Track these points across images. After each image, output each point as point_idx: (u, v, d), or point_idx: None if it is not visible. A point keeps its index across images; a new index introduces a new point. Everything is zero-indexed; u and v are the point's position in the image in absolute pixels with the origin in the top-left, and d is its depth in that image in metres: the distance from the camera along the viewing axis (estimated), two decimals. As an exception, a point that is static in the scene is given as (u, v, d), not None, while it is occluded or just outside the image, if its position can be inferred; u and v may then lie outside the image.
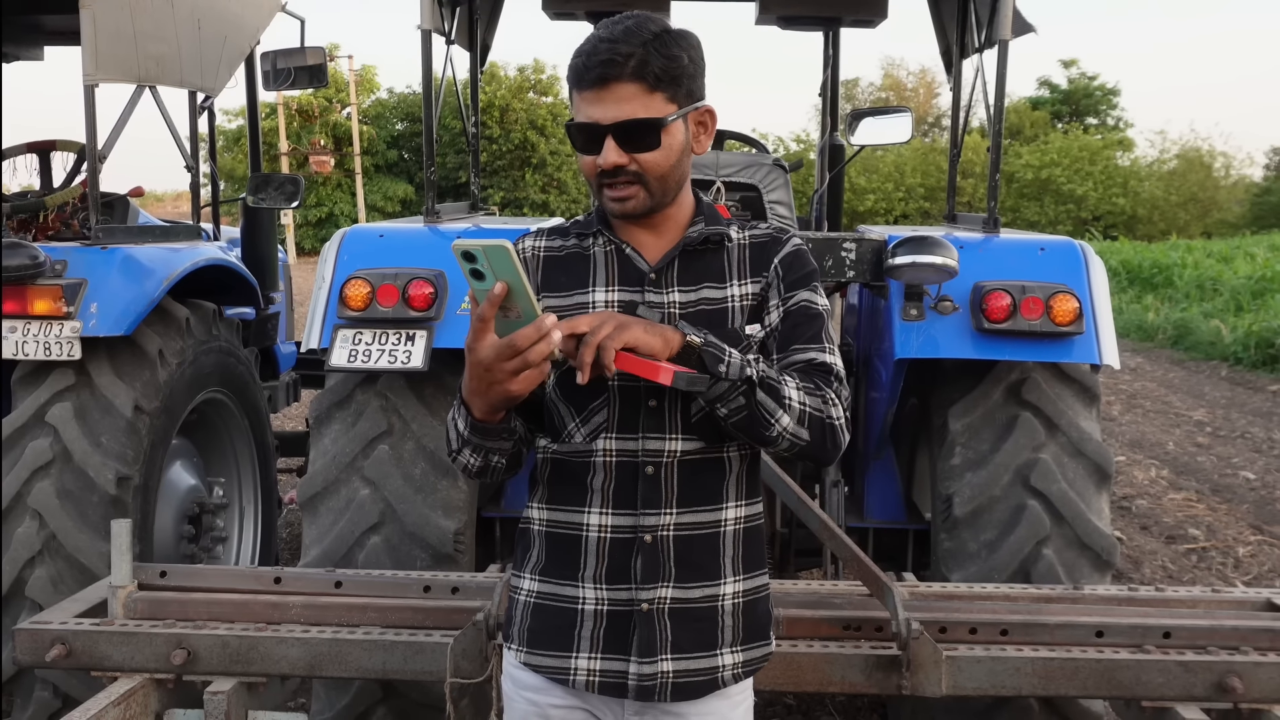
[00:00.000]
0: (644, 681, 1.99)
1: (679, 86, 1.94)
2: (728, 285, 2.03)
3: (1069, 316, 3.41)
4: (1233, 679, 2.62)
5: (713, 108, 2.01)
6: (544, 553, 2.06)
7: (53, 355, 3.67)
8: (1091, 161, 39.35)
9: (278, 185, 5.35)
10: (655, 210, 2.00)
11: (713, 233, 2.04)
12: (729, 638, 2.03)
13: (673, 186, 2.00)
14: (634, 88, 1.90)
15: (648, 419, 2.00)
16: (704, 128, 2.02)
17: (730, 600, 2.03)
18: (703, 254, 2.04)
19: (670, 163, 1.96)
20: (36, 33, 5.35)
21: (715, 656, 2.02)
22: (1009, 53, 3.92)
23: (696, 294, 2.02)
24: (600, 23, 1.99)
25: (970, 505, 3.49)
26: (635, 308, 1.99)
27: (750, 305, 2.03)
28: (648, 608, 2.00)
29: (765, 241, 2.07)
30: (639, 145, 1.93)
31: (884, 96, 46.43)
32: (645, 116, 1.91)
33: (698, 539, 2.01)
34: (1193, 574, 6.30)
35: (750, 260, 2.05)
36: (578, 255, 2.07)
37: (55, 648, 2.71)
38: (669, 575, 2.00)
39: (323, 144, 34.73)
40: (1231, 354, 14.26)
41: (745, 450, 2.05)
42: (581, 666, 2.01)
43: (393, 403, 3.56)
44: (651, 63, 1.90)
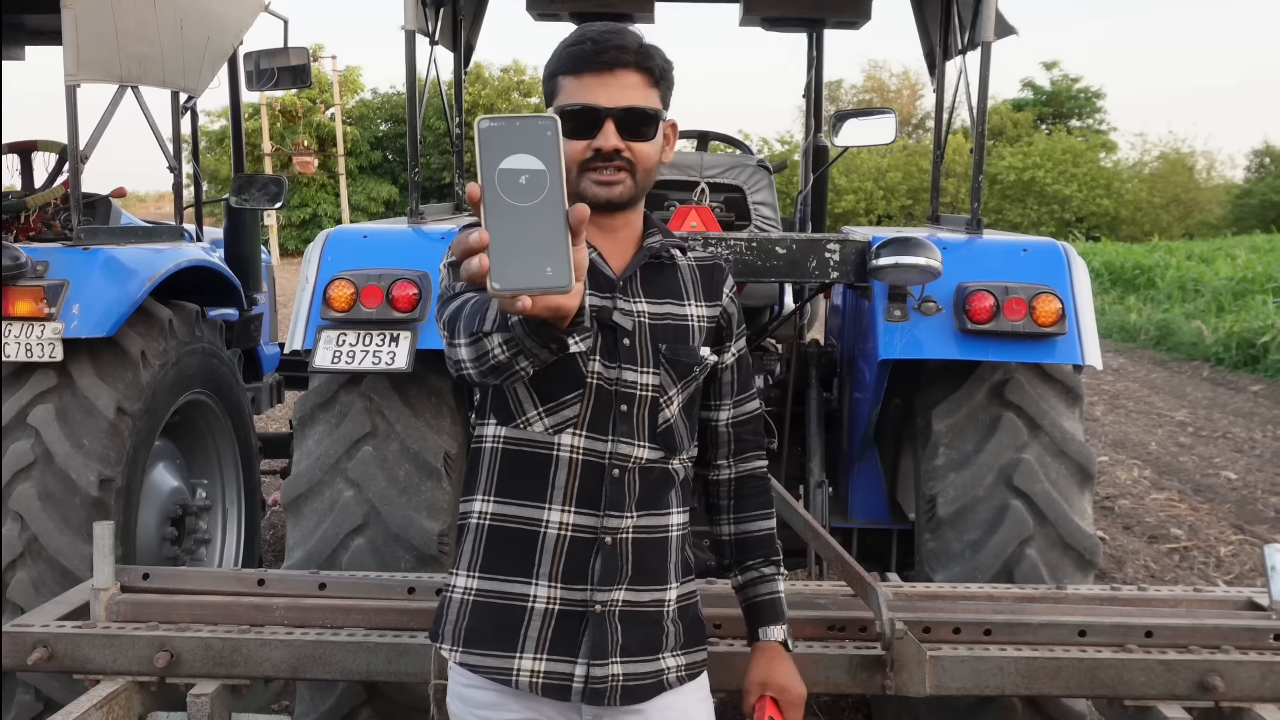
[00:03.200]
0: (594, 684, 1.98)
1: (669, 91, 2.04)
2: (686, 303, 2.10)
3: (1051, 317, 3.42)
4: (1214, 678, 2.63)
5: (676, 123, 2.11)
6: (488, 548, 2.02)
7: (34, 356, 3.65)
8: (1075, 163, 39.53)
9: (261, 186, 5.33)
10: (631, 204, 2.03)
11: (671, 243, 2.11)
12: (671, 642, 2.08)
13: (650, 184, 2.05)
14: (638, 78, 1.97)
15: (620, 423, 2.01)
16: (668, 140, 2.08)
17: (673, 605, 2.09)
18: (660, 268, 2.09)
19: (655, 159, 2.02)
20: (18, 32, 5.32)
21: (659, 660, 2.05)
22: (991, 54, 3.93)
23: (661, 307, 2.07)
24: (588, 25, 2.01)
25: (954, 505, 3.50)
26: (610, 313, 2.00)
27: (708, 328, 2.11)
28: (600, 609, 1.99)
29: (710, 267, 2.16)
30: (636, 134, 1.97)
31: (867, 98, 46.56)
32: (648, 106, 1.98)
33: (651, 543, 2.06)
34: (1175, 573, 6.33)
35: (701, 283, 2.13)
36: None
37: (37, 650, 2.69)
38: (625, 577, 2.01)
39: (306, 145, 34.66)
40: (1213, 355, 14.34)
41: (688, 463, 2.14)
42: (525, 667, 1.98)
43: (377, 404, 3.55)
44: (656, 59, 1.99)
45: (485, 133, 1.48)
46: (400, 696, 3.29)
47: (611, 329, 2.00)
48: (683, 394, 2.07)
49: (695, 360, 2.07)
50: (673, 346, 2.05)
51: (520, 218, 1.45)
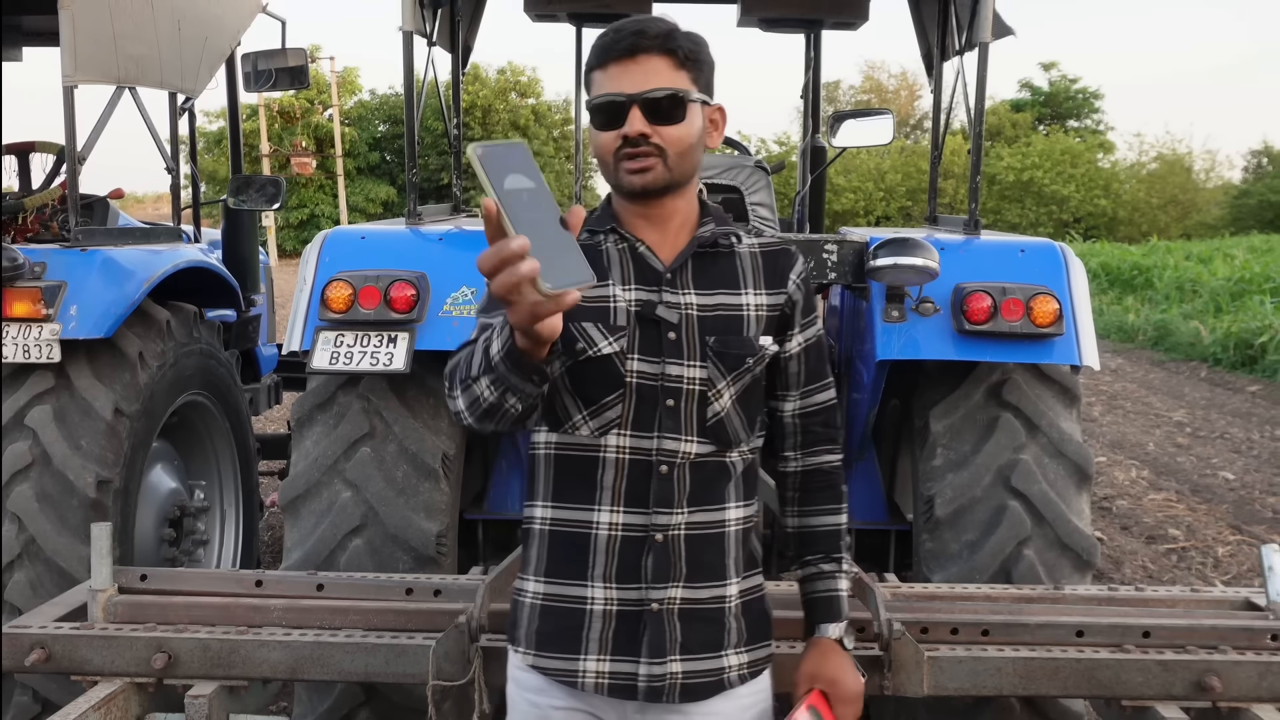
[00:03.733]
0: (653, 682, 1.98)
1: (701, 73, 1.98)
2: (743, 292, 2.04)
3: (1049, 318, 3.42)
4: (1211, 678, 2.63)
5: (724, 108, 2.05)
6: (549, 553, 2.04)
7: (32, 358, 3.65)
8: (1073, 164, 39.57)
9: (259, 187, 5.33)
10: (670, 189, 1.99)
11: (724, 232, 2.05)
12: (734, 639, 2.04)
13: (689, 169, 1.99)
14: (662, 61, 1.94)
15: (665, 418, 1.99)
16: (715, 125, 2.05)
17: (735, 601, 2.05)
18: (715, 257, 2.04)
19: (690, 140, 1.97)
20: (15, 33, 5.32)
21: (721, 657, 2.02)
22: (989, 55, 3.93)
23: (713, 298, 2.01)
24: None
25: (952, 506, 3.50)
26: (654, 307, 1.98)
27: (766, 316, 2.05)
28: (657, 608, 1.98)
29: (778, 253, 2.09)
30: (664, 118, 1.94)
31: (865, 99, 46.58)
32: (673, 88, 1.94)
33: (705, 539, 2.01)
34: (1172, 574, 6.33)
35: (764, 270, 2.06)
36: (590, 251, 2.01)
37: (35, 652, 2.69)
38: (679, 575, 1.99)
39: (304, 145, 34.69)
40: (1211, 355, 14.35)
41: (748, 455, 2.09)
42: (590, 669, 1.99)
43: (374, 405, 3.55)
44: (680, 41, 1.95)
45: (483, 158, 1.57)
46: (398, 697, 3.29)
47: (655, 323, 1.99)
48: (734, 386, 2.02)
49: (749, 351, 2.01)
50: (722, 338, 2.00)
51: (537, 228, 1.55)
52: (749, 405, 2.07)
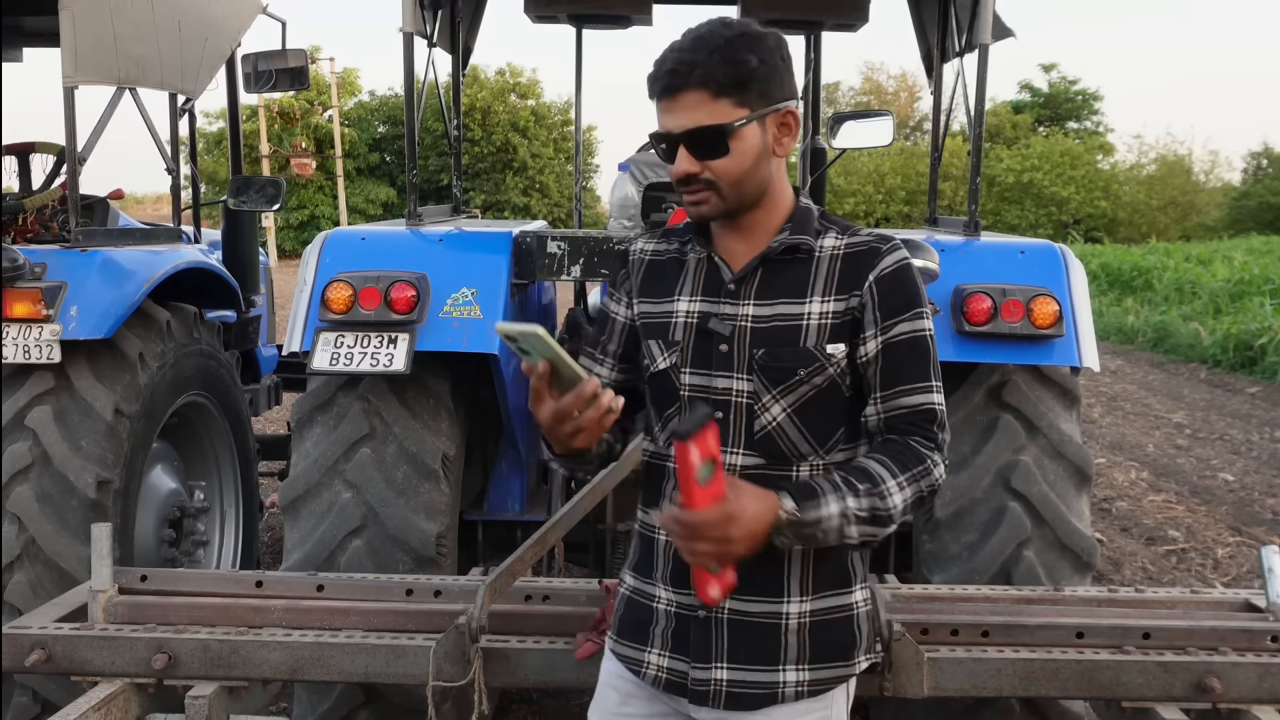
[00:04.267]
0: (698, 686, 2.01)
1: (748, 91, 1.91)
2: (808, 300, 1.97)
3: (1049, 319, 3.43)
4: (1211, 679, 2.64)
5: (794, 108, 1.97)
6: (637, 551, 2.16)
7: (32, 358, 3.64)
8: (1073, 165, 39.58)
9: (259, 188, 5.33)
10: (734, 215, 1.99)
11: (796, 242, 1.99)
12: (794, 655, 1.99)
13: (751, 191, 1.97)
14: (699, 95, 1.90)
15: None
16: (786, 129, 1.97)
17: (796, 620, 1.99)
18: (789, 265, 2.00)
19: (743, 168, 1.94)
20: (15, 34, 5.32)
21: (777, 671, 1.99)
22: (989, 57, 3.94)
23: (771, 309, 1.98)
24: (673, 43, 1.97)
25: (951, 507, 3.50)
26: (709, 320, 2.00)
27: (834, 324, 1.96)
28: (704, 614, 2.02)
29: (861, 253, 1.98)
30: (708, 153, 1.92)
31: (865, 100, 46.59)
32: (711, 124, 1.90)
33: (758, 557, 1.91)
34: (1172, 575, 6.33)
35: (841, 274, 1.97)
36: (675, 261, 2.10)
37: (35, 652, 2.69)
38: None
39: (304, 146, 34.67)
40: (1210, 356, 14.35)
41: (814, 468, 2.00)
42: (652, 661, 2.07)
43: (375, 405, 3.55)
44: (715, 70, 1.88)
45: (512, 342, 1.84)
46: (398, 698, 3.29)
47: (709, 336, 2.01)
48: (785, 398, 1.96)
49: (802, 362, 1.95)
50: (772, 350, 1.96)
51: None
52: (816, 416, 1.99)
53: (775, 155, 1.98)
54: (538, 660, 2.71)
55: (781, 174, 2.02)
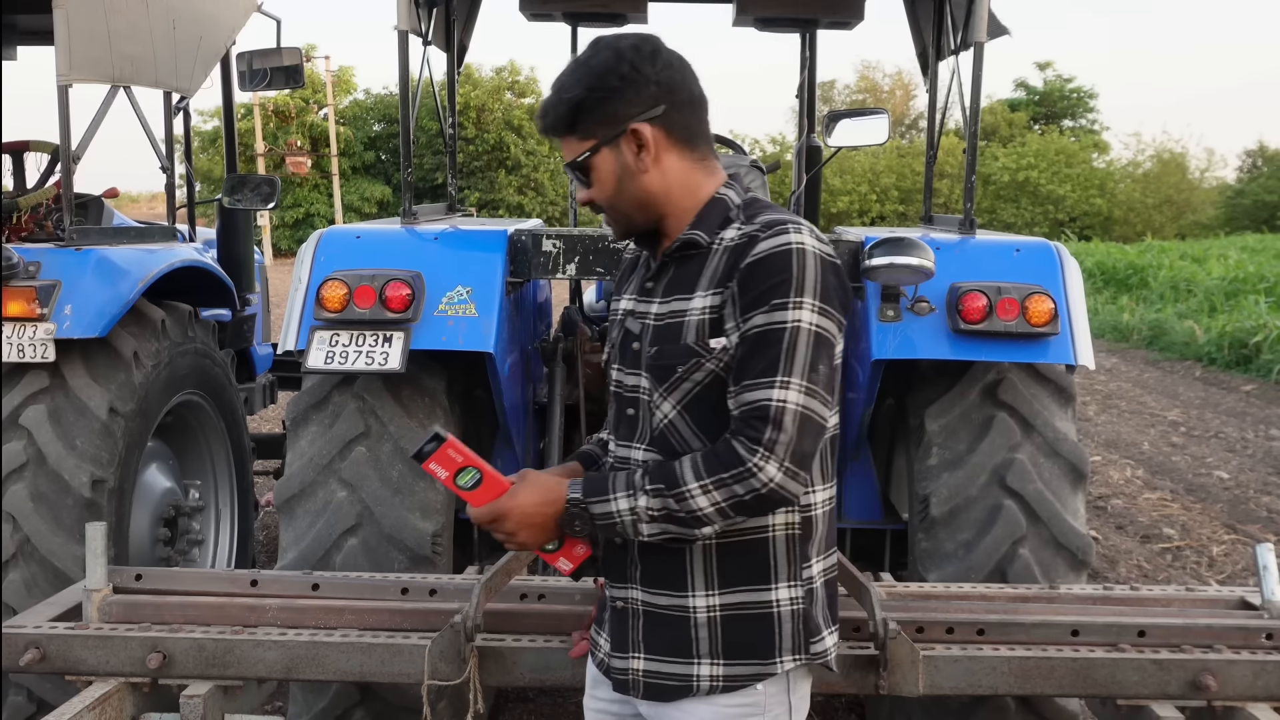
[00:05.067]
0: (617, 675, 2.07)
1: (585, 123, 1.99)
2: (694, 296, 1.98)
3: (1044, 317, 3.43)
4: (1207, 677, 2.64)
5: (640, 127, 1.97)
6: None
7: (26, 357, 3.64)
8: (1069, 163, 39.60)
9: (254, 186, 5.32)
10: (635, 228, 2.07)
11: (689, 238, 2.01)
12: (705, 649, 2.00)
13: (632, 209, 2.03)
14: (564, 137, 2.03)
15: (622, 425, 2.08)
16: (642, 148, 1.98)
17: (704, 614, 2.00)
18: (689, 260, 2.02)
19: (609, 192, 2.02)
20: (9, 32, 5.31)
21: (691, 664, 2.01)
22: (984, 55, 3.94)
23: (668, 306, 2.02)
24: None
25: (947, 505, 3.50)
26: (627, 319, 2.09)
27: (712, 318, 1.95)
28: (621, 605, 2.07)
29: (743, 245, 1.94)
30: (585, 183, 2.05)
31: (860, 98, 46.60)
32: (569, 160, 2.03)
33: (660, 548, 1.99)
34: (1167, 573, 6.34)
35: (724, 266, 1.96)
36: (635, 262, 2.20)
37: (29, 652, 2.68)
38: (634, 578, 2.05)
39: (299, 145, 34.61)
40: (1205, 354, 14.36)
41: None
42: (601, 645, 2.16)
43: (370, 404, 3.54)
44: (559, 113, 2.00)
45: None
46: (394, 697, 3.29)
47: (629, 334, 2.08)
48: (671, 395, 1.98)
49: (680, 359, 1.96)
50: (660, 348, 1.99)
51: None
52: (706, 412, 1.98)
53: (645, 173, 1.99)
54: (533, 659, 2.71)
55: (677, 178, 2.02)
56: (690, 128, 2.02)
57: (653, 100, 1.97)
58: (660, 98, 1.97)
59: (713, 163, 2.07)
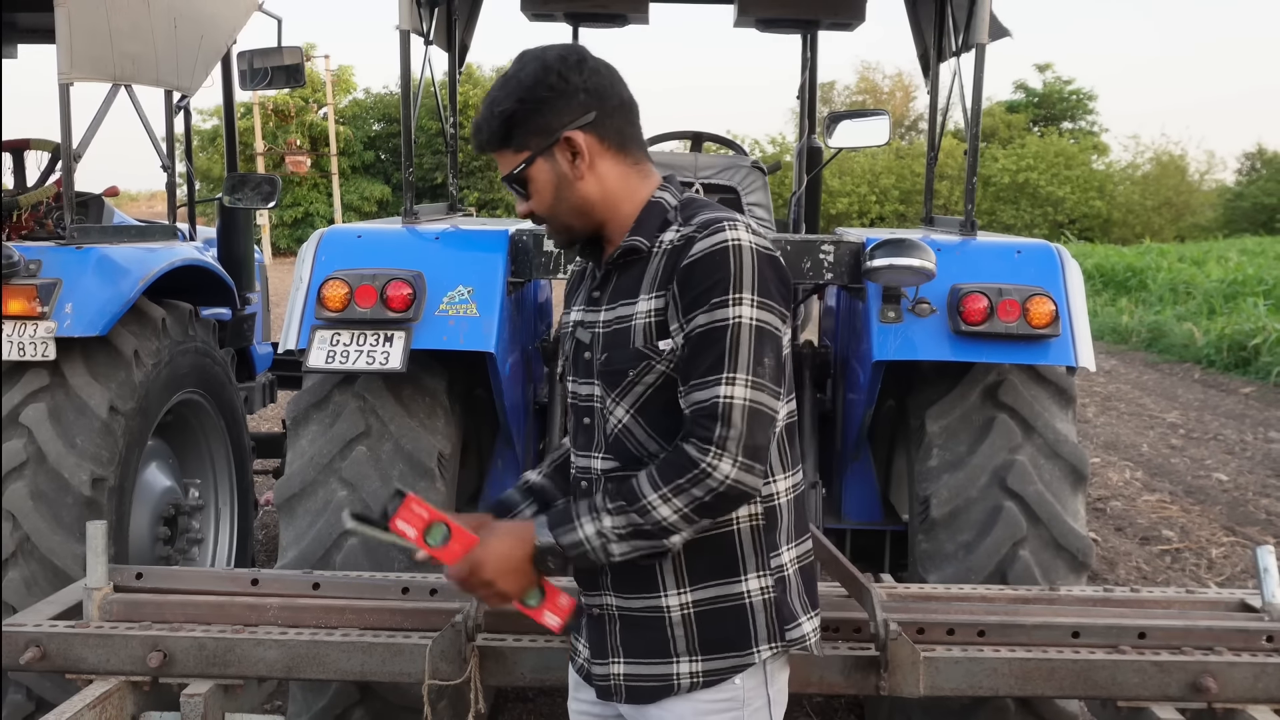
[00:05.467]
0: (599, 681, 2.09)
1: (518, 136, 2.00)
2: (637, 300, 1.99)
3: (1045, 319, 3.43)
4: (1207, 679, 2.64)
5: (573, 135, 1.98)
6: None
7: (27, 355, 3.63)
8: (1068, 165, 39.60)
9: (254, 185, 5.32)
10: (576, 237, 2.09)
11: (630, 244, 2.02)
12: (683, 646, 2.02)
13: (577, 219, 2.05)
14: (498, 152, 2.04)
15: (580, 435, 2.10)
16: (577, 156, 2.00)
17: (678, 612, 2.02)
18: (632, 266, 2.03)
19: (548, 202, 2.04)
20: (10, 30, 5.31)
21: (670, 663, 2.02)
22: (986, 56, 3.94)
23: (614, 312, 2.03)
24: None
25: (947, 506, 3.51)
26: (576, 330, 2.11)
27: (658, 321, 1.96)
28: (598, 612, 2.10)
29: (681, 246, 1.95)
30: (523, 195, 2.06)
31: (860, 99, 46.58)
32: (506, 173, 2.04)
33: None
34: (1166, 575, 6.34)
35: (664, 268, 1.96)
36: (581, 275, 2.21)
37: (30, 650, 2.69)
38: (606, 585, 2.07)
39: (299, 144, 34.57)
40: (1204, 357, 14.36)
41: None
42: (580, 650, 2.18)
43: (371, 404, 3.54)
44: (492, 128, 2.01)
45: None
46: (393, 696, 3.29)
47: (580, 345, 2.10)
48: (623, 399, 2.00)
49: (630, 363, 1.97)
50: (610, 354, 2.00)
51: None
52: (659, 414, 1.99)
53: (580, 180, 2.01)
54: (533, 659, 2.71)
55: (613, 184, 2.03)
56: (622, 133, 2.03)
57: (583, 108, 1.99)
58: (590, 105, 1.99)
59: (647, 166, 2.08)
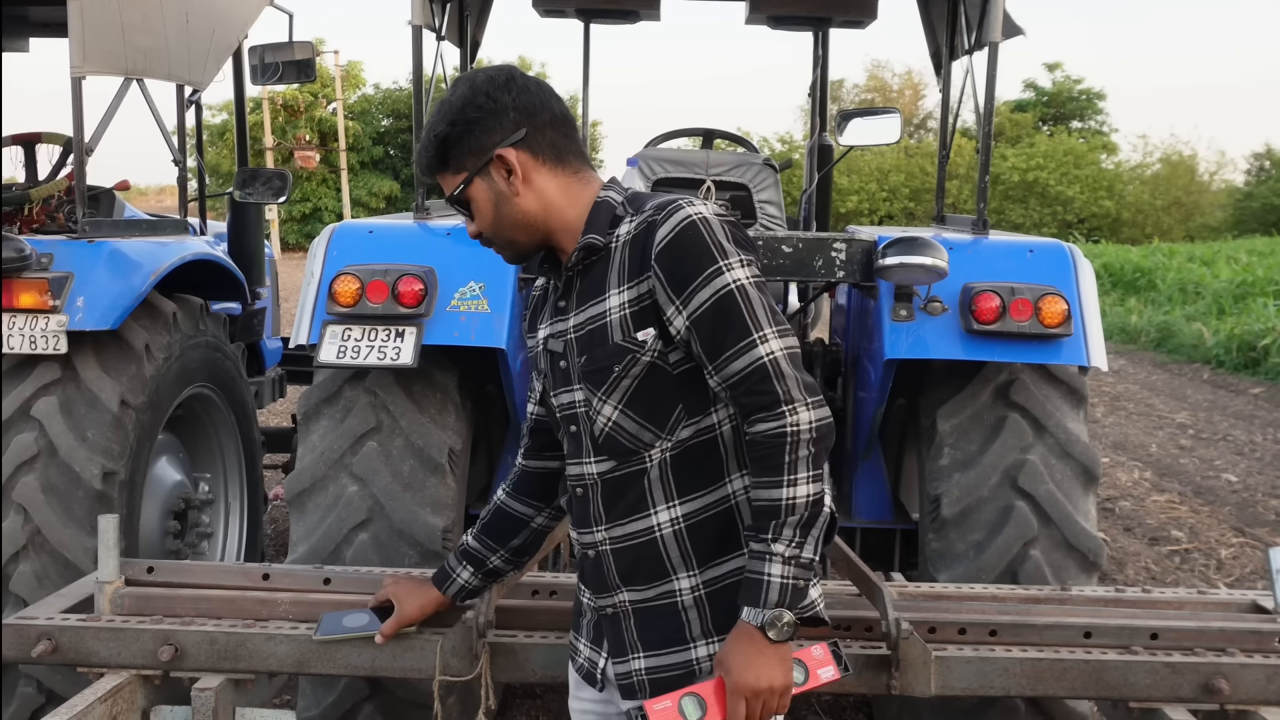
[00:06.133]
0: (621, 680, 2.09)
1: (454, 157, 2.04)
2: (606, 296, 2.00)
3: (1057, 318, 3.42)
4: (1219, 680, 2.63)
5: (504, 152, 2.01)
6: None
7: (38, 349, 3.64)
8: (1077, 164, 39.51)
9: (265, 180, 5.33)
10: (526, 252, 2.12)
11: (586, 244, 2.03)
12: (698, 630, 2.04)
13: (517, 232, 2.07)
14: (441, 176, 2.09)
15: (570, 443, 2.12)
16: (511, 173, 2.03)
17: (690, 594, 2.04)
18: (592, 267, 2.04)
19: (491, 219, 2.06)
20: (23, 24, 5.31)
21: (688, 649, 2.04)
22: (999, 55, 3.93)
23: (584, 314, 2.04)
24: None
25: (958, 506, 3.50)
26: (548, 343, 2.12)
27: (634, 311, 1.97)
28: (612, 611, 2.11)
29: (642, 232, 1.97)
30: (468, 215, 2.10)
31: (869, 98, 46.52)
32: (449, 194, 2.08)
33: (633, 548, 2.06)
34: (1176, 575, 6.33)
35: (629, 259, 1.98)
36: (544, 295, 2.22)
37: (41, 643, 2.69)
38: (616, 585, 2.09)
39: (308, 139, 34.59)
40: (1213, 357, 14.33)
41: (664, 454, 2.02)
42: (580, 650, 2.23)
43: (381, 399, 3.54)
44: (429, 152, 2.06)
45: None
46: (403, 692, 3.29)
47: (554, 357, 2.11)
48: (611, 396, 2.00)
49: (614, 359, 1.98)
50: (590, 355, 2.01)
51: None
52: (648, 403, 2.00)
53: (518, 195, 2.04)
54: (544, 655, 2.71)
55: (553, 195, 2.05)
56: (557, 145, 2.06)
57: (514, 125, 2.02)
58: (520, 122, 2.02)
59: (588, 174, 2.10)
